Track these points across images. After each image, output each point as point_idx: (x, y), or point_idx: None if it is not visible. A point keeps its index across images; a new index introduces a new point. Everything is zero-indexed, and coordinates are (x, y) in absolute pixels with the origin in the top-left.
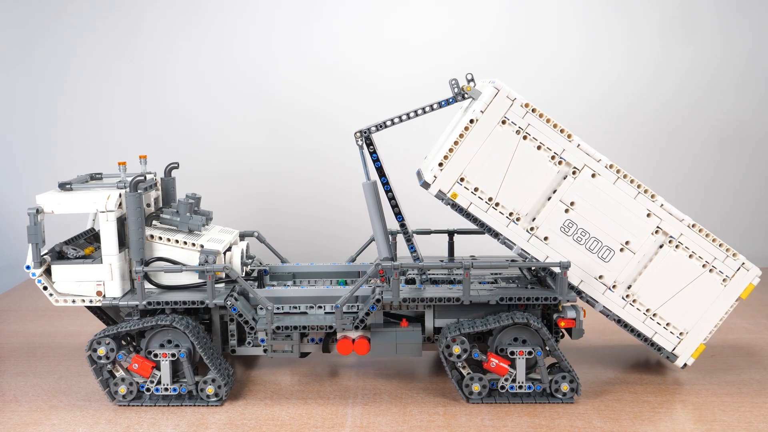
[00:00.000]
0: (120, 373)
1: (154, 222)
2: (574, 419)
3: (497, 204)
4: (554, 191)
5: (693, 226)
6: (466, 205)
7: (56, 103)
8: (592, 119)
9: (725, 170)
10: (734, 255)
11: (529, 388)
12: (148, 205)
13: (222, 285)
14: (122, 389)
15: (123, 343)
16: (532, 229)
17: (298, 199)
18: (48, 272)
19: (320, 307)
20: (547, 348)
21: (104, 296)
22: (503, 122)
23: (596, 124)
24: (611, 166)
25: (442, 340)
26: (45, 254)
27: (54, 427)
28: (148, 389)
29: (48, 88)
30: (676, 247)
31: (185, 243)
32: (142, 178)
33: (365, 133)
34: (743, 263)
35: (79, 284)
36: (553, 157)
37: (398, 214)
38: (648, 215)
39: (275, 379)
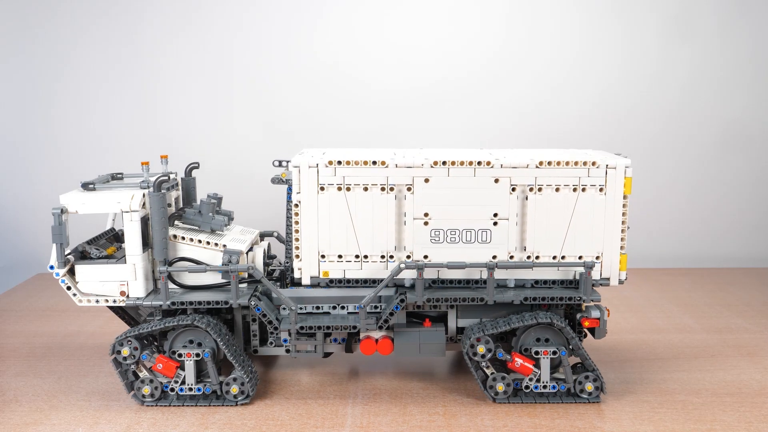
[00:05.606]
0: (144, 374)
1: (176, 222)
2: (574, 419)
3: (366, 256)
4: (404, 214)
5: (540, 164)
6: (341, 275)
7: (54, 104)
8: (591, 121)
9: (725, 170)
10: (594, 163)
11: (554, 387)
12: (169, 205)
13: (244, 285)
14: (146, 389)
15: (145, 343)
16: (408, 256)
17: None
18: (71, 272)
19: (343, 307)
20: (571, 347)
21: (128, 296)
22: (322, 189)
23: (595, 126)
24: (435, 163)
25: (467, 339)
26: (68, 254)
27: (54, 427)
28: (172, 389)
29: (43, 87)
30: (539, 190)
31: (208, 243)
32: (166, 178)
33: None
34: (607, 164)
35: (102, 284)
36: (383, 189)
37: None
38: (496, 181)
39: (275, 379)
